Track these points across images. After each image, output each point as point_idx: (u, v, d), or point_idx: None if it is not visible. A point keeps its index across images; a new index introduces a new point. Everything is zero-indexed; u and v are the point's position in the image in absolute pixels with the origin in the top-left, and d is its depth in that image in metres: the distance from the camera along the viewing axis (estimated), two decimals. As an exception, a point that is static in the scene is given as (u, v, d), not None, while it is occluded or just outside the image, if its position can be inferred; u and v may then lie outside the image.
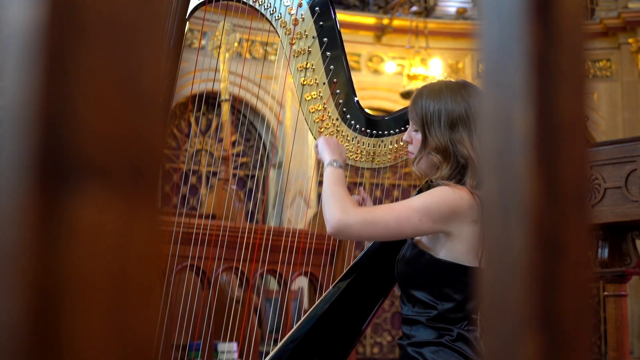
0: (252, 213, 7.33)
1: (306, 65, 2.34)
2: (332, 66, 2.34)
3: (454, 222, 1.91)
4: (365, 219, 1.90)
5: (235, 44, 6.85)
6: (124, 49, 0.44)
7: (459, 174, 1.96)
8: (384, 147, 2.33)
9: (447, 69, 9.83)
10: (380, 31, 9.82)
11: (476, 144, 1.94)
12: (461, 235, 1.92)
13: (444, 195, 1.91)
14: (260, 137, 8.91)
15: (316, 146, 2.16)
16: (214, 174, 7.37)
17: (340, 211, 1.91)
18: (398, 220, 1.89)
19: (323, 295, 2.15)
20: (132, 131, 0.44)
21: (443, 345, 1.92)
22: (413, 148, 2.06)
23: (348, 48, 2.38)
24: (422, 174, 2.04)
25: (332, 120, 2.35)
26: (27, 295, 0.40)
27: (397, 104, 8.68)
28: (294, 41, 2.34)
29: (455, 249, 1.93)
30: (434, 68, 9.37)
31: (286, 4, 2.35)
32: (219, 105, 7.12)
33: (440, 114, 1.98)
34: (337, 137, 2.34)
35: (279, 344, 2.14)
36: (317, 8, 2.34)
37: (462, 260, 1.92)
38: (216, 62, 6.54)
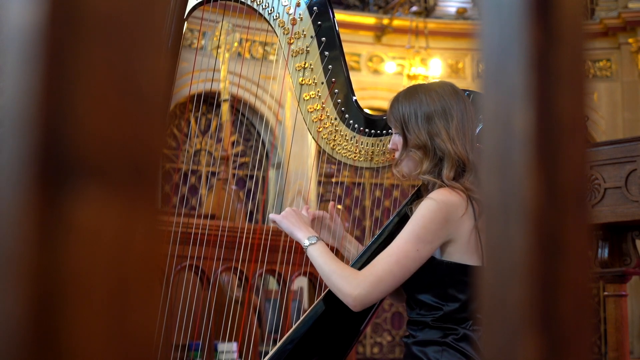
0: (252, 213, 7.33)
1: (304, 64, 2.34)
2: (330, 66, 2.33)
3: (450, 229, 1.93)
4: (372, 282, 1.91)
5: (235, 44, 6.85)
6: (123, 49, 0.44)
7: (436, 166, 2.00)
8: (383, 147, 2.33)
9: (447, 69, 9.83)
10: (380, 31, 9.82)
11: (453, 135, 1.98)
12: (460, 235, 1.93)
13: (429, 213, 1.92)
14: (260, 137, 8.91)
15: (274, 221, 2.15)
16: (214, 174, 7.37)
17: (348, 287, 1.93)
18: (399, 263, 1.91)
19: (322, 295, 2.15)
20: (132, 131, 0.43)
21: (447, 345, 1.92)
22: (399, 152, 2.08)
23: (348, 48, 2.38)
24: (404, 174, 2.06)
25: (331, 119, 2.35)
26: (27, 295, 0.40)
27: (397, 104, 8.66)
28: (292, 41, 2.34)
29: (456, 250, 1.94)
30: (434, 68, 9.37)
31: (284, 3, 2.35)
32: (219, 105, 7.12)
33: (416, 112, 2.03)
34: (335, 136, 2.34)
35: (278, 345, 2.13)
36: (315, 8, 2.33)
37: (464, 259, 1.93)
38: (216, 62, 6.54)
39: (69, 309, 0.41)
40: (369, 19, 9.88)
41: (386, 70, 9.75)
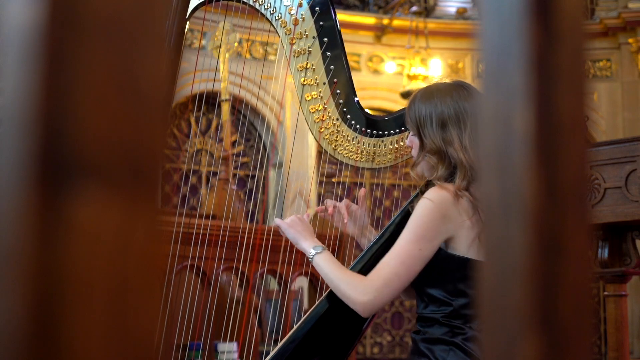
0: (253, 213, 7.33)
1: (306, 65, 2.35)
2: (332, 66, 2.34)
3: (449, 225, 1.94)
4: (379, 286, 1.93)
5: (236, 44, 6.85)
6: (124, 50, 0.44)
7: (451, 174, 2.00)
8: (384, 147, 2.33)
9: (447, 69, 9.83)
10: (380, 31, 9.82)
11: (466, 143, 1.99)
12: (462, 231, 1.94)
13: (426, 211, 1.94)
14: (260, 137, 8.91)
15: (279, 226, 2.17)
16: (214, 174, 7.37)
17: (356, 294, 1.95)
18: (404, 265, 1.93)
19: (323, 295, 2.15)
20: (132, 131, 0.43)
21: (455, 345, 1.93)
22: (415, 152, 2.09)
23: (348, 48, 2.38)
24: (420, 176, 2.07)
25: (332, 120, 2.35)
26: (27, 295, 0.40)
27: (397, 104, 8.67)
28: (294, 41, 2.34)
29: (461, 245, 1.95)
30: (434, 68, 9.37)
31: (286, 3, 2.35)
32: (219, 105, 7.12)
33: (431, 117, 2.03)
34: (337, 137, 2.35)
35: (279, 344, 2.14)
36: (317, 8, 2.34)
37: (474, 255, 1.94)
38: (216, 62, 6.54)
39: (69, 308, 0.41)
40: (369, 19, 9.88)
41: (386, 70, 9.75)
